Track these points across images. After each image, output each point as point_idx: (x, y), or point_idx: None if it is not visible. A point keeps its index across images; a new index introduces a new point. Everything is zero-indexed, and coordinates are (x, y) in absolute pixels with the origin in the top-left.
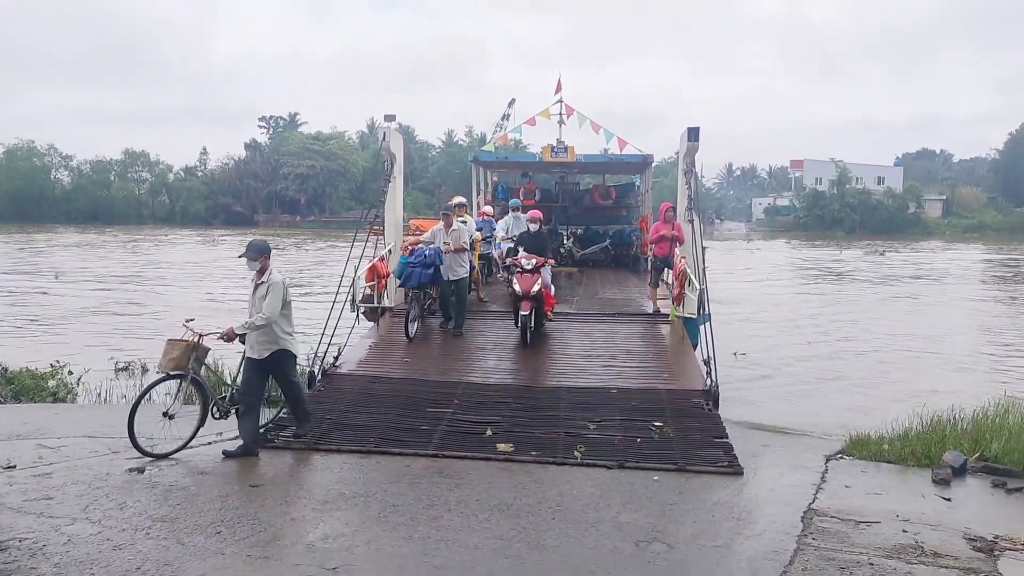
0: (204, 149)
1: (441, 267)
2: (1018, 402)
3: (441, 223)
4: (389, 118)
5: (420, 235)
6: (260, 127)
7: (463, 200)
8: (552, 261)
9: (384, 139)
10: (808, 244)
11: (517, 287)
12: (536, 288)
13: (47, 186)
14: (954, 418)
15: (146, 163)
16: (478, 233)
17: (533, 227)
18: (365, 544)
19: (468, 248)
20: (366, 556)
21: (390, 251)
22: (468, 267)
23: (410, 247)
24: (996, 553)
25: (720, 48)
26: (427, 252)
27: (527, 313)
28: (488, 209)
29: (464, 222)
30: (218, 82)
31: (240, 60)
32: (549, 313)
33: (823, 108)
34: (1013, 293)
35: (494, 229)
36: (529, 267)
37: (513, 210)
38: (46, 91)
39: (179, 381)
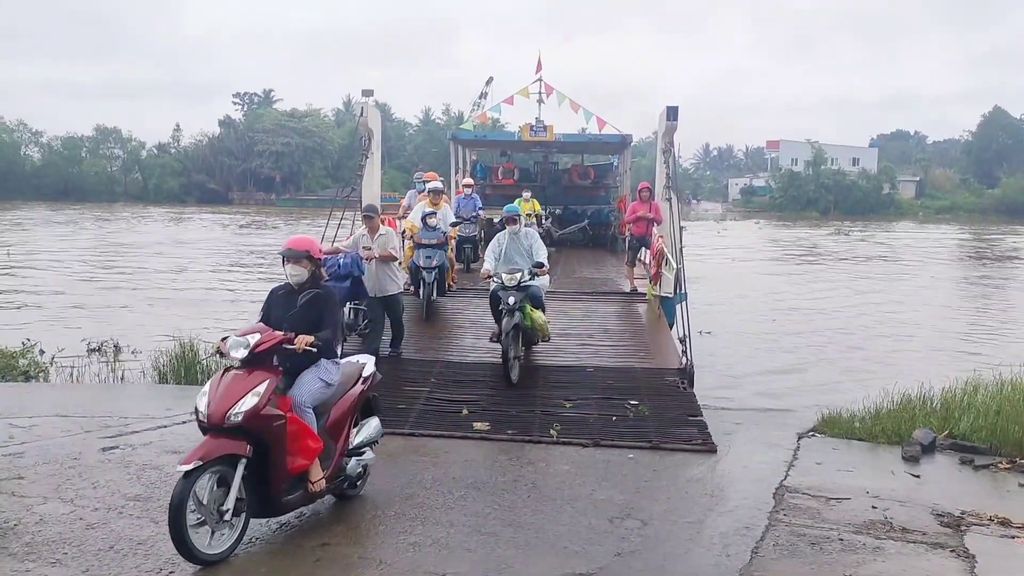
0: (177, 126)
1: (364, 279)
2: (986, 381)
3: (365, 227)
4: (367, 93)
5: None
6: (234, 104)
7: (439, 185)
8: (313, 345)
9: (362, 114)
10: (779, 225)
11: (202, 405)
12: (244, 408)
13: (16, 162)
14: (924, 397)
15: (118, 139)
16: (453, 229)
17: (293, 275)
18: (341, 522)
19: (398, 257)
20: (342, 534)
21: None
22: (400, 280)
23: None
24: (963, 528)
25: (699, 27)
26: (341, 262)
27: (190, 467)
28: (469, 181)
29: (433, 213)
30: (192, 58)
31: (214, 35)
32: (312, 486)
33: (799, 88)
34: (980, 274)
35: (478, 205)
36: (242, 355)
37: (509, 223)
38: (14, 64)
39: None
